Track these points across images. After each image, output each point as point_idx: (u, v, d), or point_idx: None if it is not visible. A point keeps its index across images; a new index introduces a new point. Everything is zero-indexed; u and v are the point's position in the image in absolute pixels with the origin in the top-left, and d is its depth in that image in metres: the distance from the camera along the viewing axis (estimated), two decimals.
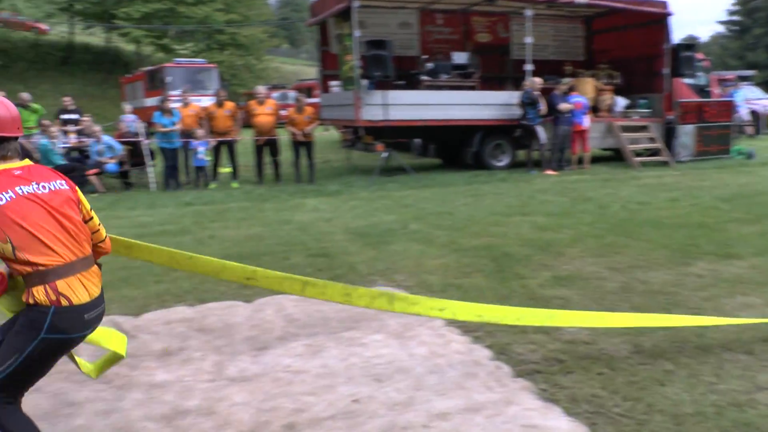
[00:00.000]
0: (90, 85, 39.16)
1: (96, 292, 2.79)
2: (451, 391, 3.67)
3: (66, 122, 13.91)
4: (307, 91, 25.77)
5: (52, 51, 41.86)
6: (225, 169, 13.50)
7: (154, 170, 13.02)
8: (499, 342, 4.33)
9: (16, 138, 2.73)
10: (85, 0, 37.72)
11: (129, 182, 12.98)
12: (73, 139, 13.29)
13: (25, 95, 14.49)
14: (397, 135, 13.47)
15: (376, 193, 11.04)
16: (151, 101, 25.58)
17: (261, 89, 13.52)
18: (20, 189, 2.61)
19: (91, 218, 2.90)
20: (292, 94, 28.77)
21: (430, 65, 14.55)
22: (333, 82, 15.82)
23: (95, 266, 2.87)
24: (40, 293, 2.58)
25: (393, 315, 4.84)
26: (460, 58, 14.91)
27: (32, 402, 3.67)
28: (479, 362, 4.03)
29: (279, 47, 61.89)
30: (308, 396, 3.66)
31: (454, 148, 14.63)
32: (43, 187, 2.69)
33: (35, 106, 14.32)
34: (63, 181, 2.81)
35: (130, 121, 14.15)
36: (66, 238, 2.68)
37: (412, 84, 14.30)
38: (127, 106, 18.06)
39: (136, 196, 11.70)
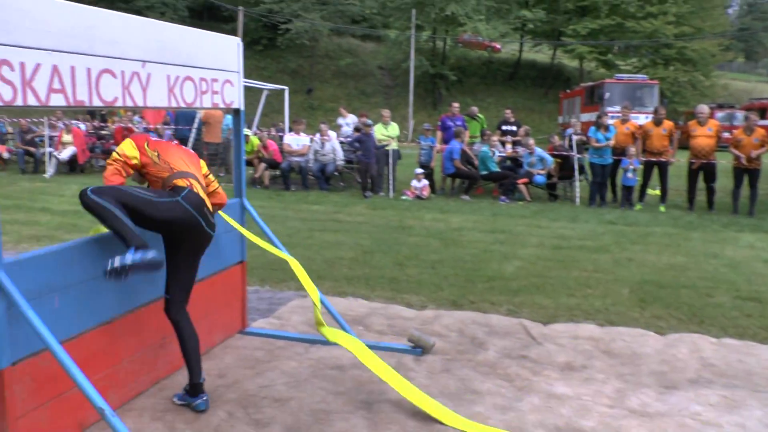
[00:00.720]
0: (530, 100, 41.30)
1: (211, 207, 3.67)
2: None
3: (505, 133, 14.87)
4: (761, 112, 23.24)
5: (501, 68, 45.21)
6: (654, 191, 12.94)
7: (580, 185, 13.12)
8: None
9: None
10: (537, 19, 39.73)
11: (555, 194, 13.30)
12: (508, 149, 14.13)
13: (474, 108, 15.90)
14: None
15: None
16: (586, 117, 25.88)
17: (703, 108, 12.52)
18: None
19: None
20: (740, 114, 26.26)
21: None
22: None
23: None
24: (180, 181, 3.51)
25: None
26: None
27: (441, 382, 4.00)
28: None
29: (732, 62, 56.60)
30: None
31: None
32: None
33: (480, 116, 15.60)
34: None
35: (571, 133, 14.40)
36: (194, 167, 3.71)
37: None
38: (573, 120, 18.59)
39: (560, 208, 11.92)
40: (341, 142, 14.58)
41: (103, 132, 17.83)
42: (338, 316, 4.66)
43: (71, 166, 16.30)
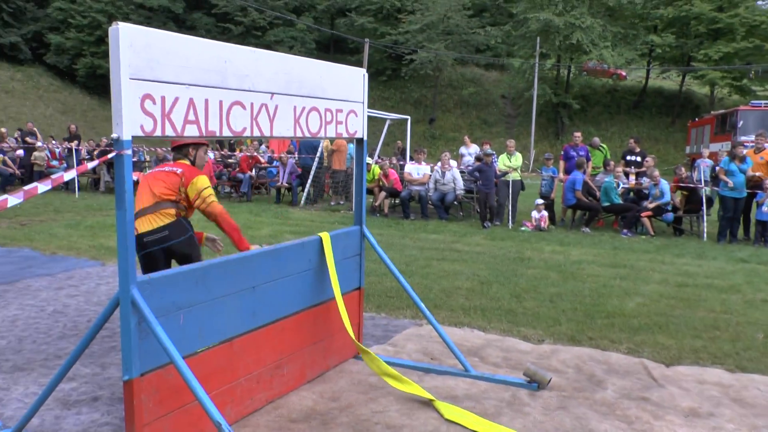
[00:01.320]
0: (656, 129, 39.77)
1: (157, 225, 4.39)
2: None
3: (629, 163, 14.38)
4: None
5: (626, 96, 43.85)
6: None
7: (708, 219, 12.46)
8: None
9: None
10: (665, 44, 38.31)
11: (680, 229, 12.68)
12: (631, 180, 13.64)
13: (596, 139, 15.51)
14: None
15: None
16: (716, 146, 24.62)
17: None
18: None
19: (197, 196, 4.53)
20: None
21: None
22: None
23: (166, 209, 4.44)
24: None
25: None
26: None
27: (557, 419, 3.89)
28: None
29: None
30: None
31: None
32: (162, 169, 4.68)
33: (603, 147, 15.19)
34: (179, 169, 4.60)
35: (706, 165, 13.73)
36: (147, 197, 4.45)
37: None
38: (705, 150, 17.83)
39: (686, 243, 11.35)
40: (461, 172, 14.60)
41: (229, 160, 18.75)
42: (453, 347, 4.64)
43: None
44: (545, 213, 12.85)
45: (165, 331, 3.01)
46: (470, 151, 16.59)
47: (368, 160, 14.95)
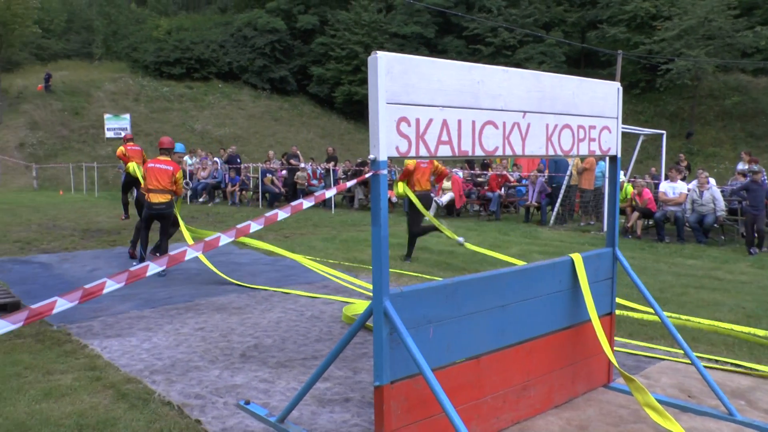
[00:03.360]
0: None
1: (160, 200, 8.73)
2: None
3: None
4: None
5: None
6: None
7: None
8: None
9: (168, 149, 9.29)
10: None
11: None
12: None
13: None
14: None
15: None
16: None
17: None
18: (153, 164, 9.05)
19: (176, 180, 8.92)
20: None
21: None
22: None
23: (167, 194, 8.78)
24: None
25: None
26: None
27: None
28: None
29: None
30: None
31: None
32: (160, 166, 8.94)
33: None
34: (171, 167, 8.90)
35: None
36: (155, 182, 8.77)
37: None
38: None
39: None
40: (721, 191, 13.38)
41: (479, 179, 18.98)
42: (715, 386, 4.22)
43: (449, 210, 17.65)
44: None
45: (415, 342, 3.11)
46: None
47: (621, 177, 14.28)
